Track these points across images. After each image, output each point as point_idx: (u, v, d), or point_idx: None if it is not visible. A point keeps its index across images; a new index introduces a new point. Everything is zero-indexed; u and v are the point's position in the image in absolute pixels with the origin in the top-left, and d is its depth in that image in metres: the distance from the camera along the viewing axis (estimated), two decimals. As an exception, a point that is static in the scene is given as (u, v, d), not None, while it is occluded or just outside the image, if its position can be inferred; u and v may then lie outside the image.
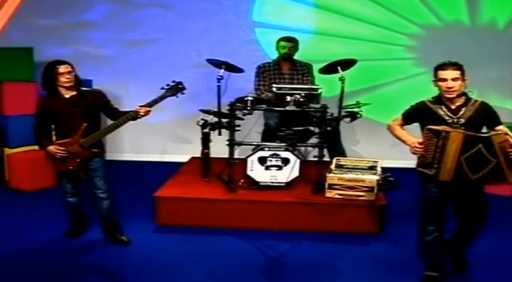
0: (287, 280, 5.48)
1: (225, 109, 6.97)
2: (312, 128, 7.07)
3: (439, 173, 4.82)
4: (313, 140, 7.07)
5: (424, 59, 8.82)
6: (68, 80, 5.74)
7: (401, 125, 5.20)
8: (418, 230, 5.24)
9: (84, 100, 5.79)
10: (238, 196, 6.70)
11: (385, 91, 8.91)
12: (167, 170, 7.95)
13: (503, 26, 8.74)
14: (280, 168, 6.79)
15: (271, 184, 6.84)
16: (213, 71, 7.24)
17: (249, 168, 6.82)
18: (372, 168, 6.75)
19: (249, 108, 6.68)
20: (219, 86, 6.99)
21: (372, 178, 6.54)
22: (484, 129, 4.95)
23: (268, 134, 7.41)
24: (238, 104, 6.75)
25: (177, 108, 8.68)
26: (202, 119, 7.13)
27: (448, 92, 4.84)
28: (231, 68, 7.18)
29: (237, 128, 6.81)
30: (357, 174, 6.62)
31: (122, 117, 5.82)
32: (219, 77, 6.98)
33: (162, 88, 5.97)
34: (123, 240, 6.14)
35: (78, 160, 5.82)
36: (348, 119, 7.11)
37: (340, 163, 6.83)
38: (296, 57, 7.92)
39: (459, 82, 4.84)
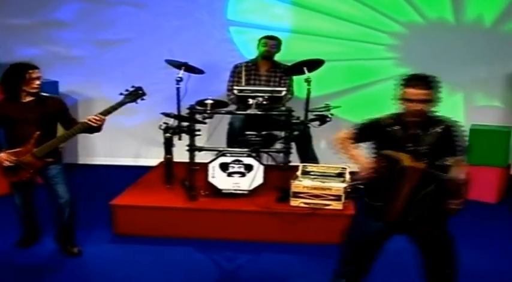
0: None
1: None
2: (276, 133, 6.69)
3: (386, 213, 4.10)
4: (279, 145, 6.69)
5: (407, 59, 8.43)
6: (38, 86, 5.44)
7: (352, 142, 4.32)
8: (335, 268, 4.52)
9: (41, 106, 5.48)
10: (198, 205, 6.38)
11: (366, 92, 8.53)
12: (139, 174, 7.63)
13: (491, 24, 8.32)
14: (243, 174, 6.46)
15: (234, 192, 6.50)
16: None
17: (210, 175, 6.48)
18: (340, 175, 6.40)
19: (208, 111, 6.34)
20: (178, 88, 6.64)
21: (339, 186, 6.18)
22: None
23: (231, 137, 7.07)
24: (198, 107, 6.41)
25: (150, 111, 8.32)
26: (164, 123, 6.78)
27: (414, 115, 4.03)
28: (191, 69, 6.83)
29: (197, 133, 6.47)
30: (323, 181, 6.26)
31: (77, 126, 5.51)
32: (178, 79, 6.65)
33: (121, 94, 5.69)
34: (73, 252, 5.84)
35: (31, 170, 5.50)
36: (317, 122, 6.71)
37: (306, 170, 6.48)
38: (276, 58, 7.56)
39: (429, 105, 4.01)
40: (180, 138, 6.73)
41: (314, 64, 6.72)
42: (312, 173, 6.43)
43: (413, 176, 3.95)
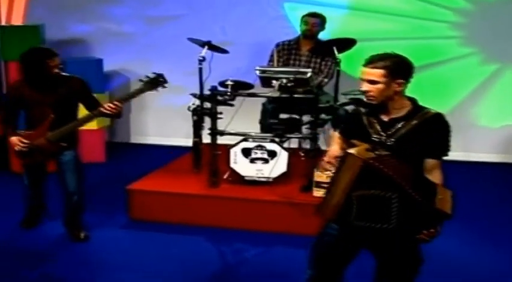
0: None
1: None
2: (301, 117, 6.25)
3: (322, 207, 3.48)
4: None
5: (473, 38, 7.77)
6: (57, 72, 5.23)
7: (344, 140, 3.74)
8: None
9: (60, 88, 5.26)
10: (214, 192, 6.05)
11: (428, 74, 7.85)
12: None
13: None
14: (266, 161, 6.04)
15: (258, 179, 6.09)
16: (239, 50, 6.96)
17: (232, 161, 6.11)
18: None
19: (229, 93, 5.96)
20: (200, 69, 6.28)
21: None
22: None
23: (263, 120, 6.64)
24: (220, 89, 6.05)
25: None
26: (193, 104, 6.46)
27: (367, 98, 3.48)
28: (215, 48, 6.44)
29: (219, 115, 6.10)
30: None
31: (92, 113, 5.29)
32: (201, 58, 6.28)
33: (141, 80, 5.40)
34: (80, 237, 5.66)
35: (43, 154, 5.34)
36: (351, 106, 6.18)
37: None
38: (325, 36, 7.06)
39: (380, 86, 3.41)
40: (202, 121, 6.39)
41: (344, 44, 6.20)
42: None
43: (352, 165, 3.30)
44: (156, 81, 5.34)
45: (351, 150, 3.34)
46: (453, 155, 7.90)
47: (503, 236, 5.80)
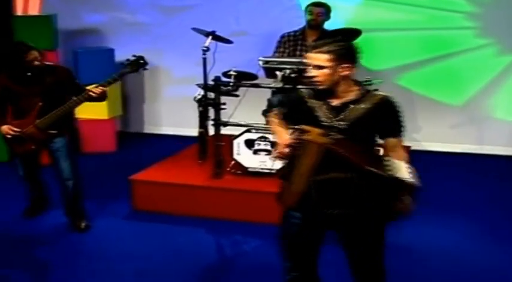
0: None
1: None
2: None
3: (282, 195, 3.51)
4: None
5: (489, 29, 7.59)
6: (37, 65, 5.25)
7: (284, 123, 3.67)
8: None
9: (45, 77, 5.30)
10: (216, 184, 6.01)
11: (442, 65, 7.76)
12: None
13: None
14: (269, 152, 5.97)
15: (261, 171, 6.03)
16: (252, 40, 7.09)
17: (235, 152, 6.07)
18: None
19: (231, 84, 5.91)
20: (204, 59, 6.22)
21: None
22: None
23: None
24: (224, 79, 6.01)
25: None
26: (199, 95, 6.42)
27: (313, 81, 3.45)
28: (219, 38, 6.38)
29: (222, 106, 6.06)
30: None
31: (78, 97, 5.34)
32: (205, 48, 6.21)
33: (121, 64, 5.49)
34: (80, 226, 5.67)
35: (34, 142, 5.38)
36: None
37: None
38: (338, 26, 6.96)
39: (326, 71, 3.38)
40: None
41: (349, 34, 6.07)
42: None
43: (310, 152, 3.31)
44: (137, 63, 5.46)
45: (308, 137, 3.33)
46: (467, 147, 7.82)
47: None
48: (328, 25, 7.02)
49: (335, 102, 3.45)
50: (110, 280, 4.83)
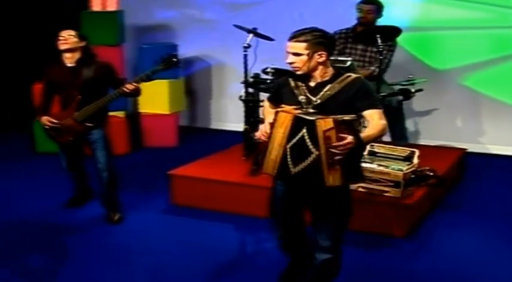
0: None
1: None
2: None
3: (263, 165, 3.86)
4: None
5: None
6: (62, 44, 5.49)
7: (271, 106, 4.14)
8: None
9: (86, 71, 5.50)
10: (253, 181, 5.93)
11: (508, 66, 7.41)
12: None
13: None
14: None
15: (298, 169, 5.95)
16: None
17: (273, 149, 6.00)
18: (408, 158, 5.61)
19: (269, 81, 5.88)
20: (245, 56, 6.21)
21: (398, 171, 5.41)
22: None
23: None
24: (264, 76, 5.99)
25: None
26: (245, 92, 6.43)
27: (292, 67, 3.88)
28: (260, 36, 6.35)
29: (261, 103, 6.03)
30: (385, 165, 5.52)
31: (113, 93, 5.52)
32: (246, 45, 6.20)
33: (155, 61, 5.53)
34: (113, 219, 5.80)
35: (71, 134, 5.58)
36: (399, 97, 5.94)
37: (374, 150, 5.76)
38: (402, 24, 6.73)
39: (303, 58, 3.78)
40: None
41: (389, 32, 5.92)
42: (378, 154, 5.71)
43: (284, 121, 3.70)
44: (169, 61, 5.50)
45: (282, 109, 3.74)
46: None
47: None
48: (392, 22, 6.72)
49: (312, 83, 3.87)
50: (126, 272, 4.91)
